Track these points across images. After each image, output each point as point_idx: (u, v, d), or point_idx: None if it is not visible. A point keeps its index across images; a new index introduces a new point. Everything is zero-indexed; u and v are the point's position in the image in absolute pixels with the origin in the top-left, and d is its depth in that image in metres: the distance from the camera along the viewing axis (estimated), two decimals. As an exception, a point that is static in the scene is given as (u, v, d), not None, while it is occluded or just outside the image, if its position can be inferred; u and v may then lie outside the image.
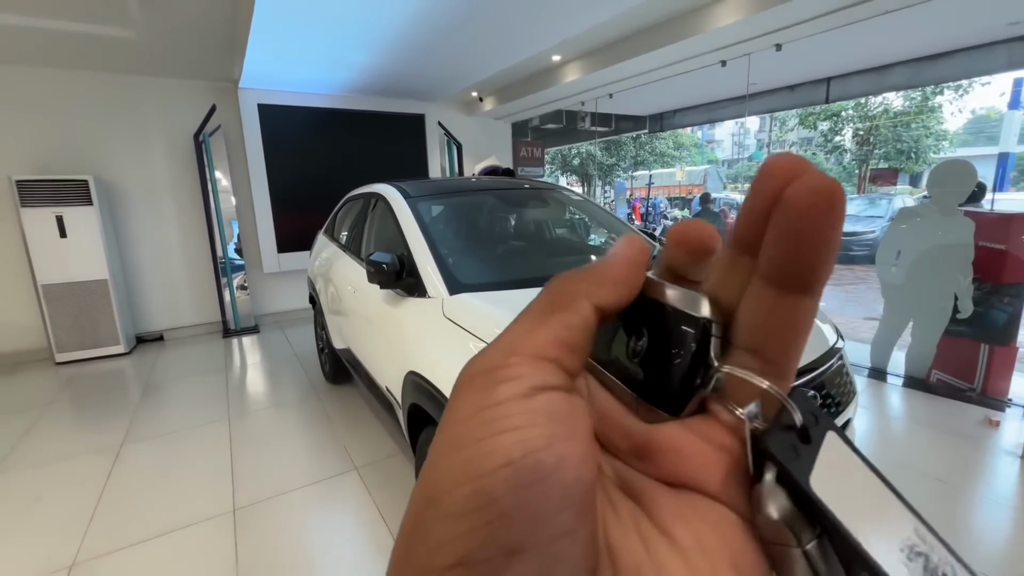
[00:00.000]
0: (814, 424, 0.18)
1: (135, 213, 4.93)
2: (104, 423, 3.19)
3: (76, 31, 3.52)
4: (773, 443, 0.17)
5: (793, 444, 0.17)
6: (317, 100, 5.53)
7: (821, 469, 0.17)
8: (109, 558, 1.95)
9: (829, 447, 0.18)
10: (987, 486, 2.27)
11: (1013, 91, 10.21)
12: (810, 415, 0.18)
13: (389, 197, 2.43)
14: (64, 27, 3.41)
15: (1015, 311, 3.03)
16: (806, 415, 0.18)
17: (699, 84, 6.23)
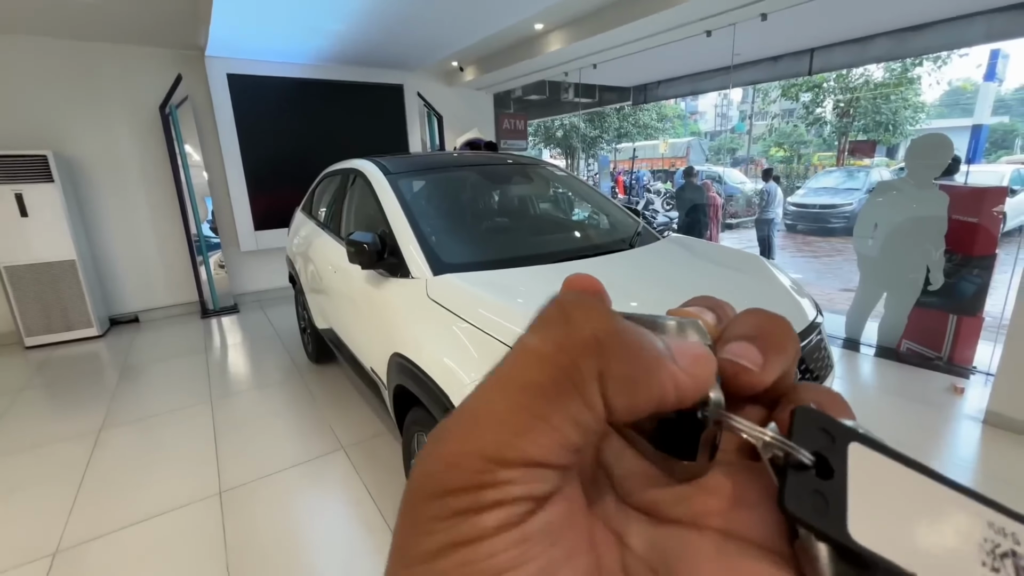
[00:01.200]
0: (831, 445, 0.16)
1: (101, 190, 4.71)
2: (81, 408, 3.12)
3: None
4: (792, 499, 0.15)
5: (815, 488, 0.15)
6: (290, 70, 5.29)
7: (857, 500, 0.15)
8: (94, 543, 1.93)
9: (857, 464, 0.16)
10: (950, 451, 2.39)
11: (989, 63, 10.32)
12: (823, 435, 0.16)
13: (368, 173, 2.36)
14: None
15: (983, 283, 3.14)
16: (818, 438, 0.16)
17: (684, 55, 6.13)
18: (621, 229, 2.38)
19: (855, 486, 0.15)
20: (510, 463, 0.13)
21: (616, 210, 2.58)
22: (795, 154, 17.37)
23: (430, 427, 1.57)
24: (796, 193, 11.39)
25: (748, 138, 23.06)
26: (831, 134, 14.80)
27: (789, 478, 0.15)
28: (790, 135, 19.57)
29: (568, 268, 1.81)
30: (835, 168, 12.96)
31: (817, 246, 9.70)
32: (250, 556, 1.84)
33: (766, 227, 6.74)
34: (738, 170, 15.32)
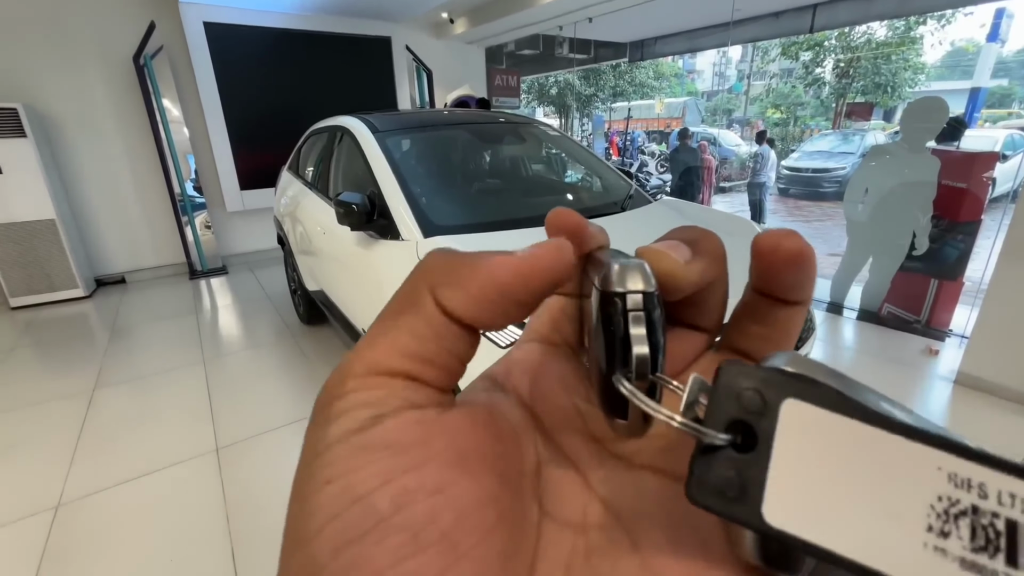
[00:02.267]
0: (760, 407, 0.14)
1: (78, 147, 4.54)
2: (73, 368, 3.13)
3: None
4: (698, 486, 0.14)
5: (732, 466, 0.13)
6: (272, 19, 5.02)
7: (781, 473, 0.13)
8: (95, 497, 1.99)
9: (789, 426, 0.13)
10: (922, 409, 2.50)
11: (993, 22, 10.06)
12: (753, 395, 0.14)
13: (356, 132, 2.29)
14: None
15: (966, 248, 3.19)
16: (747, 399, 0.14)
17: (683, 9, 5.90)
18: (613, 192, 2.37)
19: (781, 456, 0.13)
20: (355, 374, 0.15)
21: (609, 172, 2.55)
22: (791, 116, 17.07)
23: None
24: (790, 156, 11.29)
25: (745, 99, 22.55)
26: (829, 96, 14.53)
27: (697, 462, 0.14)
28: (788, 96, 19.19)
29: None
30: (830, 131, 12.81)
31: (808, 211, 9.72)
32: (249, 509, 1.90)
33: (758, 190, 6.72)
34: (734, 132, 15.09)
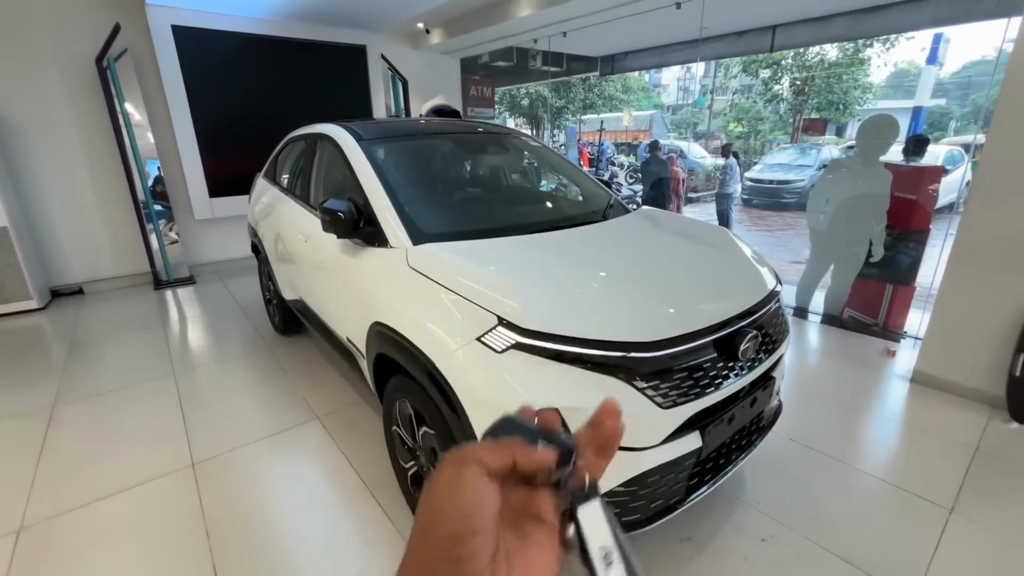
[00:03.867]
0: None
1: (34, 152, 4.32)
2: (28, 385, 2.96)
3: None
4: None
5: None
6: (244, 24, 4.93)
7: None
8: (62, 518, 1.89)
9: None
10: (881, 405, 2.65)
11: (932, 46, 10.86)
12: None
13: (339, 139, 2.29)
14: None
15: (917, 255, 3.42)
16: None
17: (653, 26, 6.13)
18: (594, 201, 2.44)
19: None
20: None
21: (589, 183, 2.62)
22: (752, 130, 17.84)
23: (412, 393, 1.60)
24: (752, 169, 11.78)
25: (709, 113, 23.37)
26: (787, 111, 15.29)
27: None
28: (749, 111, 20.05)
29: (544, 239, 1.85)
30: (789, 145, 13.46)
31: (771, 220, 10.14)
32: (230, 524, 1.85)
33: (725, 201, 6.99)
34: (699, 144, 15.63)
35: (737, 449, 1.62)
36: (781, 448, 2.24)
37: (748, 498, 1.93)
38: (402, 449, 1.83)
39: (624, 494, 1.32)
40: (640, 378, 1.29)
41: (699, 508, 1.88)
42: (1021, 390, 2.35)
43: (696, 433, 1.40)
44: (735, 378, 1.45)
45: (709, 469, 1.52)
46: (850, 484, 2.01)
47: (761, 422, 1.75)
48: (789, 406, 2.59)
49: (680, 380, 1.34)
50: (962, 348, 2.57)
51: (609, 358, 1.27)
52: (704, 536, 1.75)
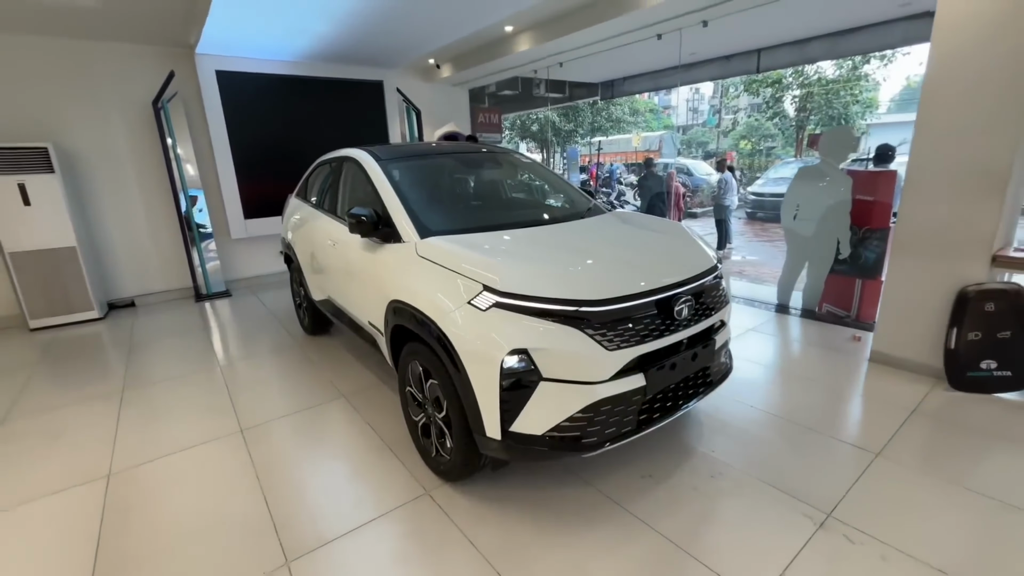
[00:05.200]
0: None
1: (97, 181, 4.97)
2: (100, 376, 3.46)
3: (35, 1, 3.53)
4: None
5: None
6: (276, 67, 5.61)
7: None
8: (141, 468, 2.33)
9: None
10: (838, 381, 2.95)
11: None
12: None
13: (362, 160, 2.78)
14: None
15: (881, 251, 3.74)
16: None
17: (643, 54, 6.65)
18: (576, 205, 2.87)
19: None
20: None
21: (573, 190, 3.07)
22: (757, 148, 18.21)
23: (422, 355, 2.02)
24: (755, 183, 12.12)
25: (718, 132, 23.80)
26: (789, 128, 15.66)
27: None
28: (757, 129, 20.49)
29: (525, 232, 2.28)
30: (793, 159, 13.78)
31: (773, 232, 10.40)
32: (276, 474, 2.26)
33: (722, 211, 7.37)
34: (707, 163, 16.02)
35: (684, 396, 1.99)
36: (742, 413, 2.58)
37: (704, 447, 2.28)
38: (413, 405, 2.23)
39: (582, 419, 1.70)
40: (590, 327, 1.69)
41: (659, 452, 2.24)
42: (955, 360, 2.65)
43: (641, 375, 1.78)
44: (672, 333, 1.84)
45: (658, 409, 1.90)
46: (796, 438, 2.34)
47: (708, 377, 2.11)
48: (757, 382, 2.93)
49: (624, 330, 1.74)
50: (908, 328, 2.89)
51: (566, 312, 1.68)
52: (661, 474, 2.10)
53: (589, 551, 1.70)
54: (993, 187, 2.49)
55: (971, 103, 2.50)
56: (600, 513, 1.89)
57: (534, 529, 1.82)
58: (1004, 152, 2.44)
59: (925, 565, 1.59)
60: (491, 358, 1.66)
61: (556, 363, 1.66)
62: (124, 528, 1.93)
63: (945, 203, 2.65)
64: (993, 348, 2.58)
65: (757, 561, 1.63)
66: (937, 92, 2.60)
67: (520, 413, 1.69)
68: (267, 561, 1.72)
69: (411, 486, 2.10)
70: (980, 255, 2.59)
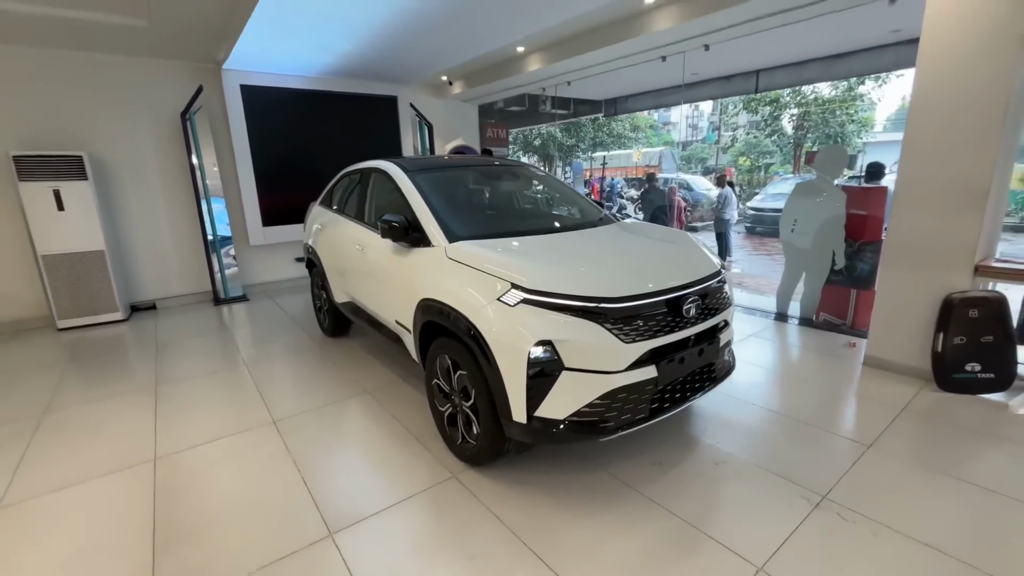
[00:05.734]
0: None
1: (126, 188, 5.19)
2: (132, 372, 3.64)
3: (89, 19, 3.79)
4: None
5: None
6: (297, 82, 5.87)
7: None
8: (184, 454, 2.50)
9: None
10: (834, 383, 3.13)
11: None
12: None
13: (391, 171, 3.00)
14: (79, 15, 3.67)
15: (874, 263, 3.95)
16: None
17: (647, 74, 6.95)
18: (588, 214, 3.09)
19: None
20: None
21: (584, 201, 3.29)
22: (755, 165, 18.57)
23: (451, 348, 2.20)
24: (754, 198, 12.40)
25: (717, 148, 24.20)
26: (787, 145, 16.03)
27: None
28: (756, 146, 20.90)
29: (546, 238, 2.49)
30: (791, 176, 14.10)
31: (772, 246, 10.65)
32: (311, 459, 2.42)
33: (722, 225, 7.60)
34: (706, 178, 16.35)
35: (691, 389, 2.17)
36: (744, 410, 2.76)
37: (710, 439, 2.46)
38: (440, 396, 2.41)
39: (600, 405, 1.89)
40: (609, 322, 1.88)
41: (668, 443, 2.42)
42: (942, 363, 2.84)
43: (653, 367, 1.97)
44: (680, 329, 2.03)
45: (668, 399, 2.08)
46: (794, 432, 2.52)
47: (713, 372, 2.30)
48: (758, 383, 3.11)
49: (638, 325, 1.93)
50: (899, 333, 3.08)
51: (586, 307, 1.88)
52: (670, 462, 2.28)
53: (608, 527, 1.87)
54: (974, 202, 2.71)
55: (953, 124, 2.72)
56: (616, 495, 2.06)
57: (555, 507, 1.99)
58: (984, 170, 2.66)
59: (913, 540, 1.76)
60: (519, 349, 1.85)
61: (577, 354, 1.85)
62: (176, 504, 2.10)
63: (931, 217, 2.86)
64: (977, 352, 2.77)
65: (759, 535, 1.80)
66: (922, 114, 2.83)
67: (544, 399, 1.88)
68: (312, 533, 1.89)
69: (438, 471, 2.27)
70: (964, 265, 2.79)
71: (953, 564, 1.64)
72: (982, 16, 2.57)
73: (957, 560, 1.66)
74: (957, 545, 1.72)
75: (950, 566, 1.64)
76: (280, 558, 1.77)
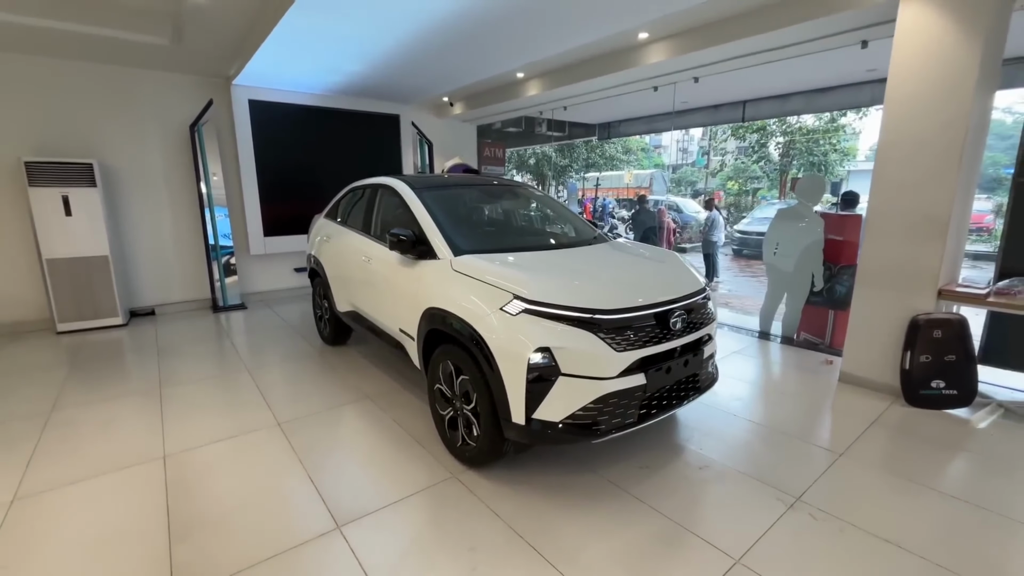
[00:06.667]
0: None
1: (131, 196, 5.31)
2: (136, 375, 3.72)
3: (114, 37, 3.96)
4: None
5: None
6: (304, 98, 6.08)
7: None
8: (193, 451, 2.60)
9: None
10: (810, 397, 3.32)
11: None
12: None
13: (398, 188, 3.18)
14: (105, 33, 3.84)
15: (850, 286, 4.17)
16: None
17: (639, 101, 7.27)
18: (583, 233, 3.29)
19: None
20: None
21: (579, 220, 3.49)
22: (743, 189, 19.12)
23: (454, 355, 2.36)
24: (741, 222, 12.80)
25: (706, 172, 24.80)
26: (774, 171, 16.59)
27: None
28: (744, 171, 21.51)
29: (545, 254, 2.67)
30: (776, 201, 14.57)
31: (758, 268, 10.97)
32: (317, 459, 2.54)
33: (710, 247, 7.88)
34: (696, 201, 16.79)
35: (677, 397, 2.34)
36: (726, 420, 2.93)
37: (694, 447, 2.62)
38: (441, 400, 2.55)
39: (593, 409, 2.04)
40: (602, 331, 2.05)
41: (654, 448, 2.57)
42: (909, 379, 3.04)
43: (642, 375, 2.13)
44: (667, 341, 2.21)
45: (655, 406, 2.24)
46: (771, 440, 2.69)
47: (697, 383, 2.47)
48: (740, 396, 3.29)
49: (630, 336, 2.11)
50: (871, 351, 3.29)
51: (583, 318, 2.05)
52: (656, 465, 2.43)
53: (599, 523, 2.01)
54: (936, 232, 2.95)
55: (917, 160, 2.98)
56: (606, 494, 2.20)
57: (550, 505, 2.13)
58: (944, 202, 2.91)
59: (876, 537, 1.92)
60: (519, 355, 2.01)
61: (573, 360, 2.01)
62: (188, 498, 2.20)
63: (898, 244, 3.10)
64: (941, 369, 2.98)
65: (737, 532, 1.95)
66: (890, 149, 3.09)
67: (542, 402, 2.03)
68: (320, 526, 2.00)
69: (438, 471, 2.40)
70: (928, 289, 3.02)
71: (912, 559, 1.81)
72: (942, 63, 2.85)
73: (915, 556, 1.83)
74: (917, 543, 1.89)
75: (909, 561, 1.80)
76: (290, 548, 1.88)
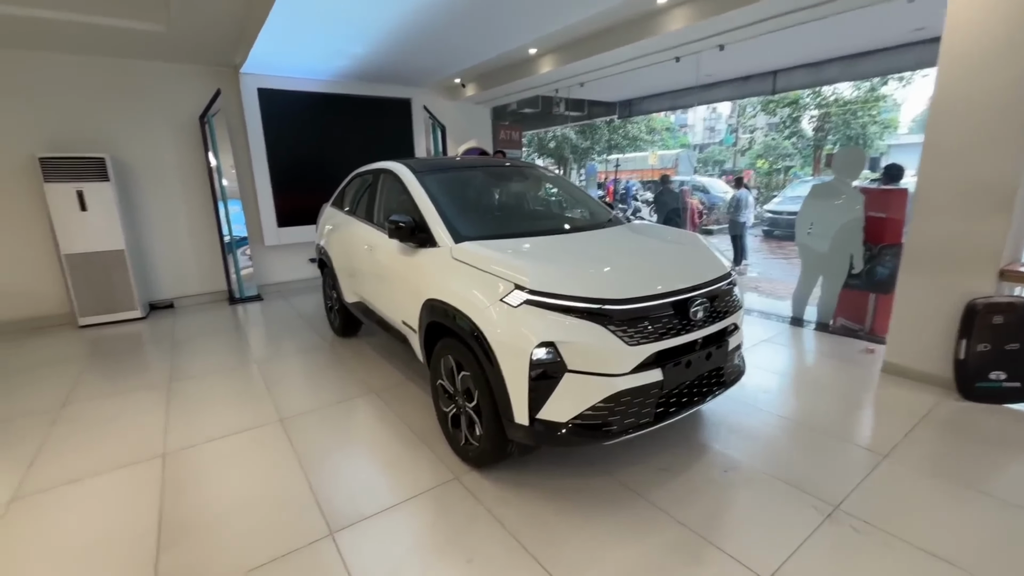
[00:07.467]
0: None
1: (145, 189, 5.32)
2: (147, 369, 3.71)
3: (108, 25, 3.89)
4: None
5: None
6: (312, 85, 5.95)
7: None
8: (192, 450, 2.53)
9: None
10: (851, 390, 3.03)
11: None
12: None
13: (399, 172, 3.01)
14: (97, 21, 3.78)
15: (894, 267, 3.83)
16: None
17: (661, 75, 6.88)
18: (599, 215, 3.06)
19: None
20: None
21: (593, 202, 3.26)
22: (773, 167, 18.25)
23: (455, 349, 2.19)
24: (772, 201, 12.18)
25: (734, 151, 23.85)
26: (807, 147, 15.73)
27: None
28: (775, 148, 20.54)
29: (552, 239, 2.46)
30: (810, 178, 13.81)
31: (790, 249, 10.44)
32: (315, 458, 2.43)
33: (738, 227, 7.48)
34: (722, 180, 16.14)
35: (699, 394, 2.13)
36: (755, 416, 2.69)
37: (720, 446, 2.40)
38: (444, 397, 2.40)
39: (603, 408, 1.85)
40: (613, 324, 1.85)
41: (675, 448, 2.37)
42: (964, 371, 2.73)
43: (658, 370, 1.93)
44: (687, 332, 1.99)
45: (674, 403, 2.04)
46: (806, 440, 2.45)
47: (722, 377, 2.24)
48: (770, 389, 3.04)
49: (643, 328, 1.89)
50: (919, 340, 2.97)
51: (590, 309, 1.85)
52: (678, 468, 2.23)
53: (611, 533, 1.83)
54: (999, 204, 2.60)
55: (976, 125, 2.63)
56: (620, 501, 2.02)
57: (558, 512, 1.96)
58: (1009, 171, 2.56)
59: (929, 555, 1.68)
60: (521, 350, 1.83)
61: (580, 356, 1.82)
62: (182, 499, 2.12)
63: (953, 220, 2.76)
64: (1002, 359, 2.66)
65: (767, 546, 1.74)
66: (944, 115, 2.74)
67: (547, 401, 1.85)
68: (312, 531, 1.89)
69: (441, 472, 2.26)
70: (988, 270, 2.69)
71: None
72: (1005, 16, 2.48)
73: (971, 575, 1.59)
74: (973, 559, 1.65)
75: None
76: (280, 556, 1.77)
